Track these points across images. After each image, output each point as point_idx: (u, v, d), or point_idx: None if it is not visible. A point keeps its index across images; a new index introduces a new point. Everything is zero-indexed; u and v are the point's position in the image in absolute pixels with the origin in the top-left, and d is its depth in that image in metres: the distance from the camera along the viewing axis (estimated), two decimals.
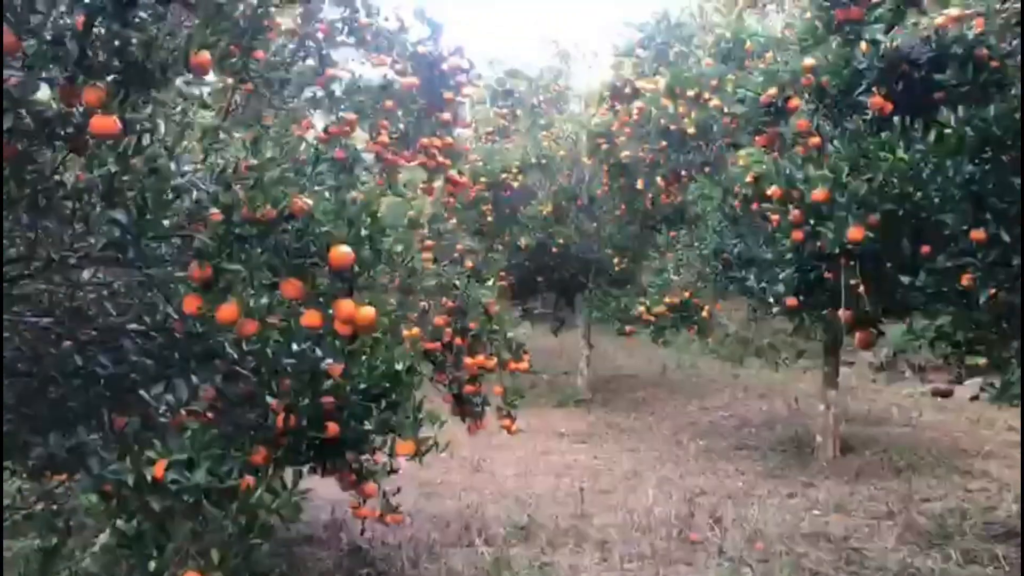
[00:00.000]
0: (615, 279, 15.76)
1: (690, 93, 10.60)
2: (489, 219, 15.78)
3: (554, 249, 15.63)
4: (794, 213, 5.04)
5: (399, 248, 3.48)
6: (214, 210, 3.22)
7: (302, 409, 3.89)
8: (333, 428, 4.11)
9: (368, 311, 3.26)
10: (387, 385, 4.14)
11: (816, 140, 5.75)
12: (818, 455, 11.50)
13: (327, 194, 3.57)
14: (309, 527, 8.23)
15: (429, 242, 9.88)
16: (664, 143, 11.77)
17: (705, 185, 10.57)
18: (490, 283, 6.75)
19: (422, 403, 6.99)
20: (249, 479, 3.54)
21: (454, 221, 15.27)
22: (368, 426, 3.94)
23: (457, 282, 6.64)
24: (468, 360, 6.49)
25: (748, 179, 9.20)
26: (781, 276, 6.02)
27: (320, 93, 5.96)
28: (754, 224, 10.41)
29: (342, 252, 3.21)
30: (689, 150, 11.79)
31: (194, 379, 3.58)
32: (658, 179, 12.81)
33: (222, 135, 3.99)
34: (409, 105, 6.87)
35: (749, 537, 7.95)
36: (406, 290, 7.49)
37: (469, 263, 7.33)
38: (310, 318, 3.32)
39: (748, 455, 12.11)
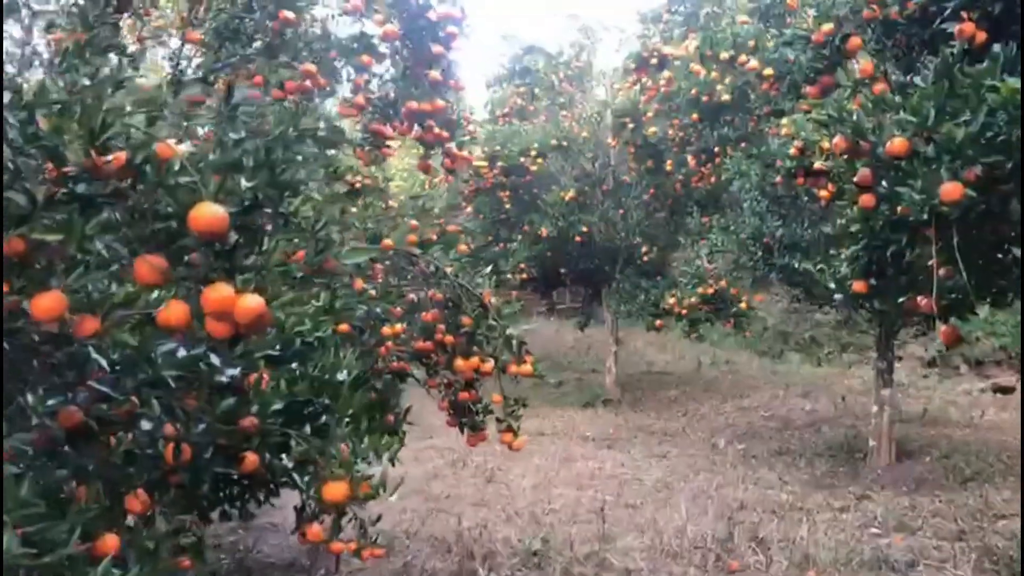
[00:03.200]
0: (644, 269, 14.60)
1: (724, 56, 9.44)
2: (507, 206, 14.69)
3: (577, 238, 14.52)
4: (863, 172, 3.90)
5: (307, 211, 2.39)
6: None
7: (198, 436, 2.84)
8: (252, 461, 3.05)
9: (250, 302, 2.20)
10: (316, 403, 3.09)
11: (882, 87, 4.59)
12: (871, 461, 10.32)
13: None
14: (286, 550, 7.24)
15: (452, 226, 8.86)
16: (695, 116, 10.61)
17: (741, 161, 9.41)
18: (488, 271, 5.66)
19: (400, 418, 5.96)
20: (109, 540, 2.53)
21: (469, 209, 14.27)
22: (285, 460, 2.88)
23: (449, 269, 5.57)
24: (460, 363, 5.42)
25: (792, 151, 8.06)
26: (844, 255, 4.86)
27: (276, 43, 4.92)
28: (798, 203, 9.25)
29: (209, 213, 2.15)
30: (723, 123, 10.61)
31: (30, 399, 2.56)
32: (689, 158, 11.65)
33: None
34: (394, 58, 5.81)
35: (799, 563, 6.84)
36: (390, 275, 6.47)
37: (463, 246, 6.23)
38: (171, 313, 2.27)
39: (792, 461, 10.95)
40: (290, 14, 4.84)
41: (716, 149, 10.97)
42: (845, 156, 3.87)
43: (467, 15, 6.05)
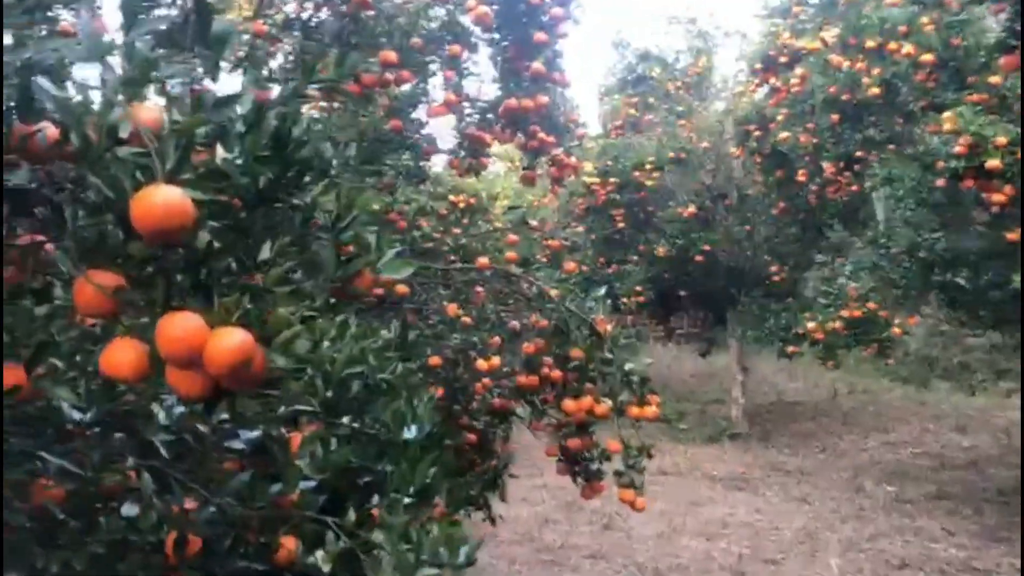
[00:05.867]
0: (773, 291, 13.33)
1: (870, 44, 8.27)
2: (621, 225, 13.71)
3: (698, 258, 13.39)
4: None
5: (329, 204, 1.55)
6: None
7: (206, 522, 2.04)
8: (288, 547, 2.24)
9: (227, 340, 1.39)
10: (374, 472, 2.26)
11: None
12: None
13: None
14: None
15: (554, 241, 8.02)
16: (835, 117, 9.42)
17: (893, 164, 8.19)
18: (601, 294, 4.74)
19: (502, 466, 5.09)
20: None
21: (579, 228, 13.40)
22: (320, 558, 2.04)
23: (555, 292, 4.70)
24: (570, 404, 4.52)
25: (958, 148, 6.85)
26: None
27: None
28: (961, 209, 7.97)
29: (158, 201, 1.36)
30: (867, 124, 9.38)
31: None
32: (825, 166, 10.42)
33: None
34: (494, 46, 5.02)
35: None
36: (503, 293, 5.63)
37: (571, 265, 5.36)
38: (115, 358, 1.48)
39: (955, 508, 9.52)
40: None
41: (858, 154, 9.74)
42: None
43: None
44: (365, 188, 1.76)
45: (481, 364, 4.70)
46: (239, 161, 1.53)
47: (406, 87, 5.10)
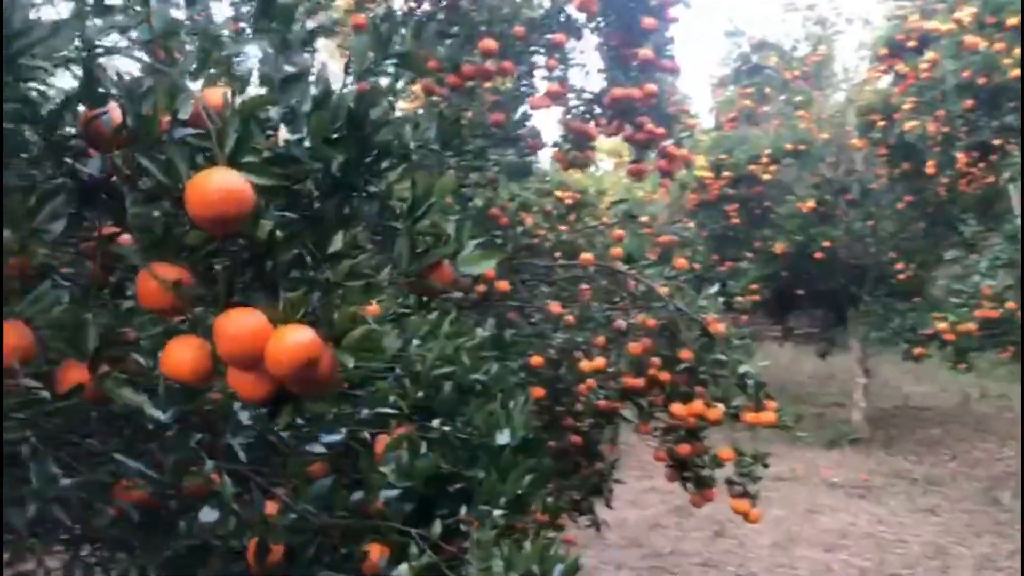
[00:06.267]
0: (898, 289, 12.58)
1: (1012, 21, 7.63)
2: (735, 221, 13.22)
3: (818, 255, 12.76)
4: None
5: (405, 191, 1.41)
6: None
7: (287, 529, 1.94)
8: (372, 558, 2.11)
9: (290, 339, 1.26)
10: (464, 478, 2.11)
11: None
12: None
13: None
14: None
15: (665, 237, 7.75)
16: (969, 102, 8.76)
17: None
18: (713, 291, 4.48)
19: (608, 470, 4.88)
20: None
21: (692, 225, 13.00)
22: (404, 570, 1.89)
23: (663, 290, 4.47)
24: (679, 408, 4.28)
25: None
26: None
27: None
28: None
29: (215, 186, 1.24)
30: (1005, 110, 8.69)
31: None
32: (957, 156, 9.73)
33: None
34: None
35: None
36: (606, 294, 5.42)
37: (681, 261, 5.10)
38: (174, 358, 1.37)
39: None
40: None
41: (995, 142, 9.04)
42: None
43: None
44: (444, 172, 1.61)
45: (585, 365, 4.51)
46: (307, 144, 1.40)
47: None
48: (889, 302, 12.47)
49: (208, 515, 1.90)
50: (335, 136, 1.44)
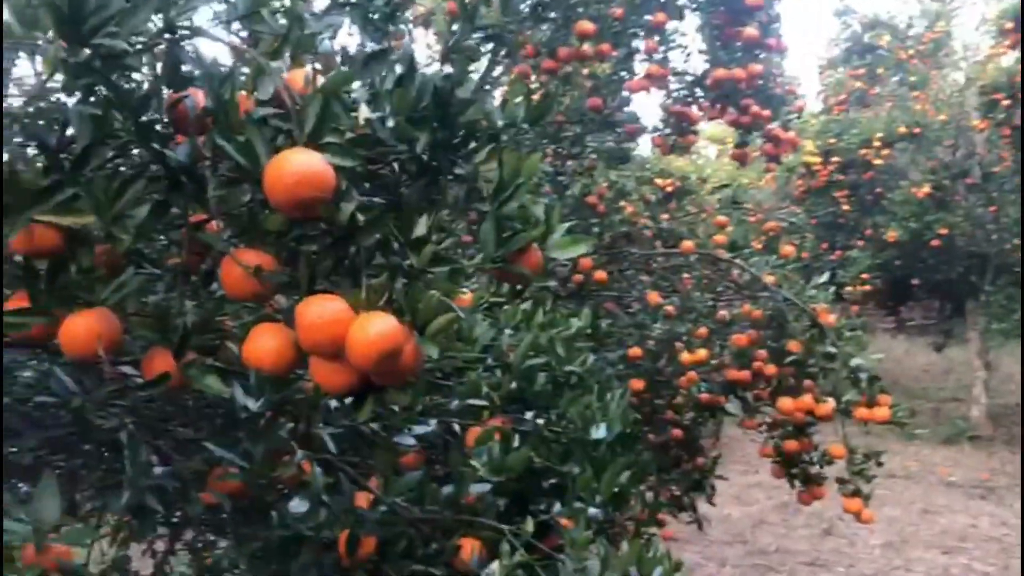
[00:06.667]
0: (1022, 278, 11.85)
1: None
2: (844, 208, 12.70)
3: (934, 243, 12.14)
4: None
5: (492, 172, 1.33)
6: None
7: (377, 522, 1.90)
8: (464, 553, 2.06)
9: (372, 329, 1.21)
10: (558, 473, 2.03)
11: None
12: None
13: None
14: None
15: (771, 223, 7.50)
16: None
17: None
18: (823, 280, 4.26)
19: (710, 465, 4.73)
20: None
21: (799, 212, 12.55)
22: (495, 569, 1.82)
23: (770, 278, 4.28)
24: (787, 403, 4.09)
25: None
26: None
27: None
28: None
29: (294, 167, 1.19)
30: None
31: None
32: None
33: None
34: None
35: None
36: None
37: (788, 249, 4.88)
38: (256, 347, 1.34)
39: None
40: None
41: None
42: None
43: None
44: (533, 152, 1.52)
45: (686, 357, 4.36)
46: (389, 124, 1.33)
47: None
48: (1012, 292, 11.77)
49: (299, 506, 1.87)
50: (419, 115, 1.37)
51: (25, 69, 1.95)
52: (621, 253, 4.98)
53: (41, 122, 1.57)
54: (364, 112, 1.28)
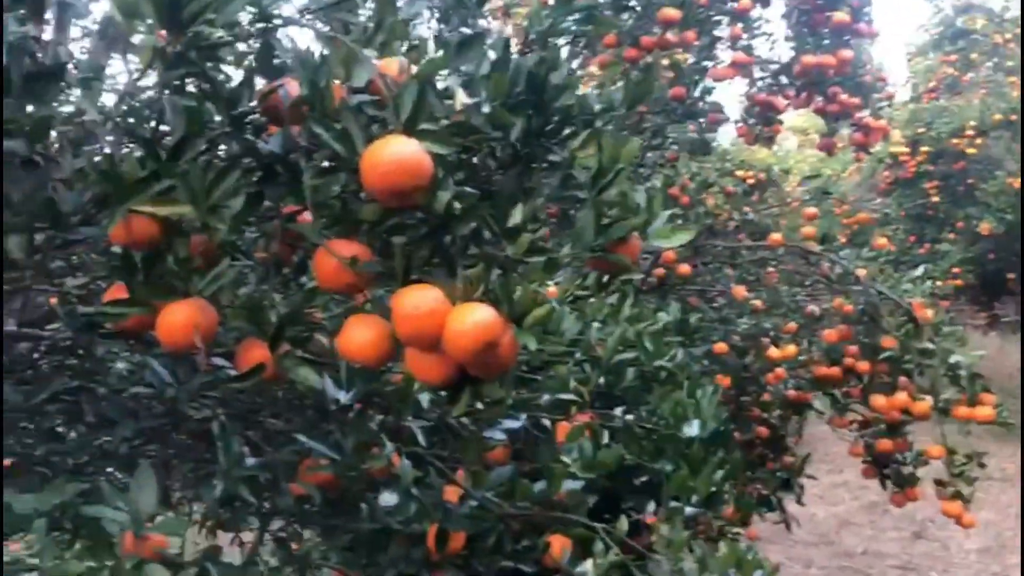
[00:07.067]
0: None
1: None
2: (934, 199, 12.22)
3: None
4: None
5: (589, 159, 1.28)
6: None
7: (466, 517, 1.87)
8: (555, 551, 2.02)
9: (469, 319, 1.17)
10: (649, 471, 1.97)
11: None
12: None
13: None
14: None
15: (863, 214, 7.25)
16: None
17: None
18: (919, 273, 4.09)
19: (800, 464, 4.60)
20: None
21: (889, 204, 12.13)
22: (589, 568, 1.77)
23: (862, 272, 4.12)
24: (881, 400, 3.93)
25: None
26: None
27: None
28: None
29: (392, 155, 1.16)
30: None
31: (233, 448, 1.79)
32: None
33: None
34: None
35: None
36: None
37: (881, 241, 4.70)
38: (352, 339, 1.32)
39: None
40: None
41: None
42: None
43: None
44: (631, 138, 1.47)
45: (774, 352, 4.24)
46: (485, 109, 1.30)
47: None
48: None
49: (388, 499, 1.86)
50: (515, 102, 1.33)
51: (118, 67, 1.97)
52: (705, 246, 4.87)
53: (132, 120, 1.59)
54: (461, 98, 1.24)
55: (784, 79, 5.20)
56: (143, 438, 2.25)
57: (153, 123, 1.53)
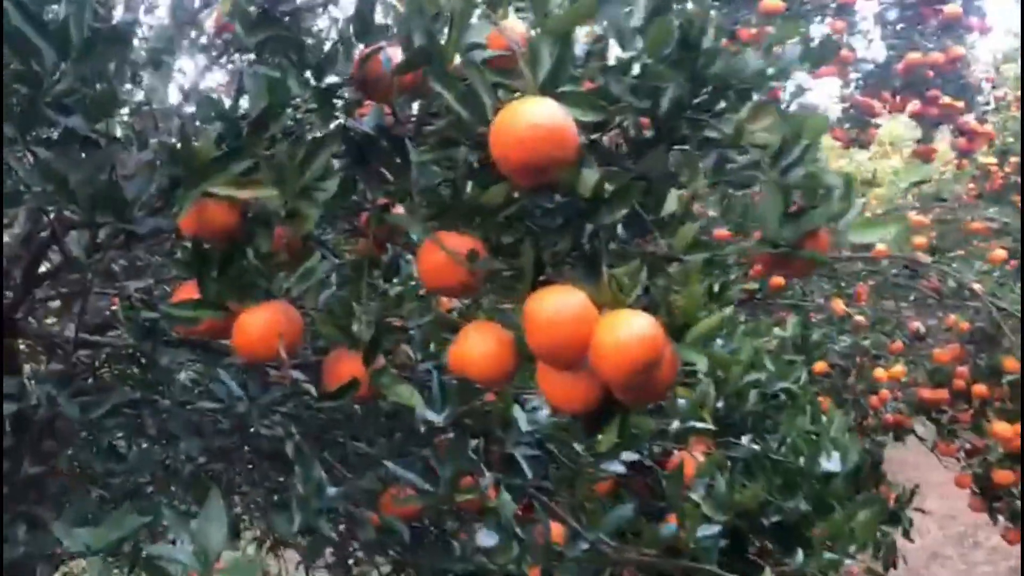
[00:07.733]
0: None
1: None
2: None
3: None
4: None
5: (762, 134, 1.01)
6: None
7: (577, 560, 1.61)
8: None
9: (627, 328, 0.91)
10: (786, 512, 1.69)
11: None
12: None
13: None
14: None
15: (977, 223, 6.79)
16: None
17: None
18: None
19: (905, 499, 4.23)
20: None
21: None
22: None
23: (977, 286, 3.76)
24: (1001, 427, 3.56)
25: None
26: None
27: None
28: None
29: (526, 119, 0.91)
30: None
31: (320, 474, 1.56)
32: None
33: None
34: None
35: None
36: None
37: (999, 253, 4.33)
38: (467, 351, 1.07)
39: None
40: None
41: None
42: None
43: None
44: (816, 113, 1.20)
45: (880, 373, 3.89)
46: (635, 70, 1.04)
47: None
48: None
49: (488, 538, 1.60)
50: (670, 61, 1.08)
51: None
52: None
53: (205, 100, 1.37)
54: (615, 52, 0.99)
55: (882, 79, 4.86)
56: (208, 456, 2.04)
57: (230, 100, 1.31)
